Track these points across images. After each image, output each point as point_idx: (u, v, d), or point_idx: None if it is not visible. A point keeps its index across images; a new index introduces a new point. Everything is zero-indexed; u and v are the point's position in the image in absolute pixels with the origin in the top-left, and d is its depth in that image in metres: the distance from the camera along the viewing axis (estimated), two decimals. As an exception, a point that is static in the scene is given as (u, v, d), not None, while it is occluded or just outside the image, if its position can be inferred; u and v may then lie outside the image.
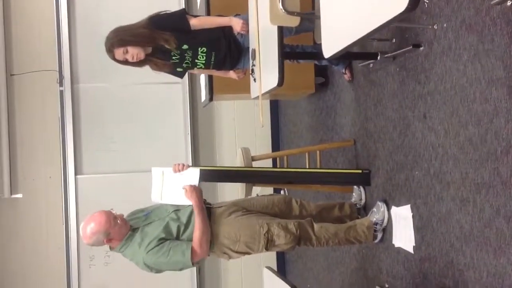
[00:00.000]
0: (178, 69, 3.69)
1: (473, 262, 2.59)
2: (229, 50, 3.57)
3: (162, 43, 3.42)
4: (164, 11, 3.54)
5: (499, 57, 2.36)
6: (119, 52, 3.41)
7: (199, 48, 3.52)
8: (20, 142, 5.80)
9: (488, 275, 2.48)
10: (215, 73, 3.98)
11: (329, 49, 2.50)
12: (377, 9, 1.98)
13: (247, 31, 3.48)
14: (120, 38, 3.39)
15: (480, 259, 2.53)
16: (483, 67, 2.47)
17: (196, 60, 3.58)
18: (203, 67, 3.66)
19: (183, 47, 3.50)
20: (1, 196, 5.66)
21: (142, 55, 3.45)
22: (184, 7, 5.86)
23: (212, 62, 3.61)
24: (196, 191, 3.15)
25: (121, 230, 3.05)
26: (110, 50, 3.43)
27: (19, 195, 5.78)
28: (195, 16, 3.63)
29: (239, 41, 3.58)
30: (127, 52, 3.40)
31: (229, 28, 3.53)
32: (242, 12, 3.57)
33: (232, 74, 3.84)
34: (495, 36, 2.38)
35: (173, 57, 3.55)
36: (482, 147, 2.50)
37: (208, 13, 4.39)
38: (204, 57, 3.56)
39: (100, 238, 3.01)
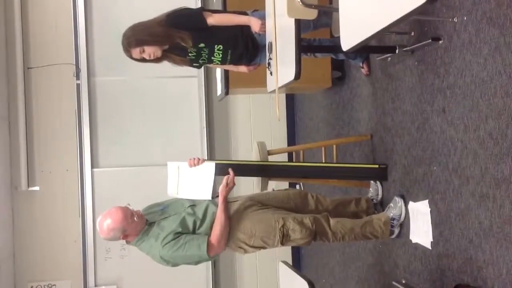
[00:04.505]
0: (195, 64, 3.70)
1: (492, 258, 2.56)
2: (246, 48, 3.56)
3: (178, 41, 3.42)
4: (181, 8, 3.53)
5: (521, 50, 2.32)
6: (136, 52, 3.42)
7: (216, 46, 3.51)
8: (37, 135, 5.84)
9: (507, 272, 2.45)
10: (227, 67, 3.98)
11: (347, 42, 2.47)
12: (397, 1, 1.94)
13: (265, 31, 3.45)
14: (136, 38, 3.39)
15: (500, 256, 2.50)
16: (504, 61, 2.42)
17: (213, 57, 3.57)
18: (219, 63, 3.66)
19: (199, 45, 3.49)
20: (19, 188, 5.71)
21: (159, 53, 3.45)
22: (201, 4, 5.86)
23: (228, 59, 3.60)
24: (230, 187, 3.19)
25: (137, 226, 3.06)
26: (127, 49, 3.44)
27: (36, 188, 5.82)
28: (213, 12, 3.59)
29: (256, 40, 3.55)
30: (144, 51, 3.41)
31: (247, 27, 3.49)
32: (259, 6, 3.54)
33: (242, 68, 3.82)
34: (517, 29, 2.34)
35: (190, 54, 3.55)
36: (502, 141, 2.46)
37: (225, 7, 4.36)
38: (221, 55, 3.55)
39: (117, 234, 3.03)
